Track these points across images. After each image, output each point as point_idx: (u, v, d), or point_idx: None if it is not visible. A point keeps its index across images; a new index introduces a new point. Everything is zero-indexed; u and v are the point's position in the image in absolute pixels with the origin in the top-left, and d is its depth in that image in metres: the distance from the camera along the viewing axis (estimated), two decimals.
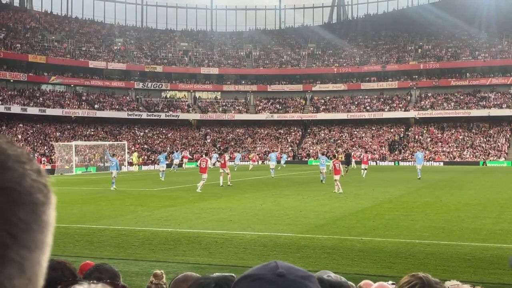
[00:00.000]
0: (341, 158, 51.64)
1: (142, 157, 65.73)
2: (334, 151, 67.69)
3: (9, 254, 0.73)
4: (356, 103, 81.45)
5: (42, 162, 54.61)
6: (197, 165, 42.51)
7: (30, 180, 0.76)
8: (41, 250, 0.77)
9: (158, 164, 43.95)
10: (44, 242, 0.78)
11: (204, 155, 42.36)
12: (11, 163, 0.75)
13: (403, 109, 78.20)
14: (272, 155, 47.11)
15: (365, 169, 42.61)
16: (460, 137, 72.48)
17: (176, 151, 60.92)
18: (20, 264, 0.74)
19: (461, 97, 76.73)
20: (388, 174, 45.32)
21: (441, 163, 65.59)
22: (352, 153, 63.04)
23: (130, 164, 59.60)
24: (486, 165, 63.50)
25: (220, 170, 33.97)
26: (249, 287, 1.05)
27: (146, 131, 76.74)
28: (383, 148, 72.83)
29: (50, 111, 68.33)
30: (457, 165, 63.81)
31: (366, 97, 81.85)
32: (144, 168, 60.79)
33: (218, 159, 52.11)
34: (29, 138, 63.42)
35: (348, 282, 2.75)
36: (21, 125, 65.74)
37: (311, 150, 74.38)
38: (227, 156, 37.32)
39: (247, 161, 63.45)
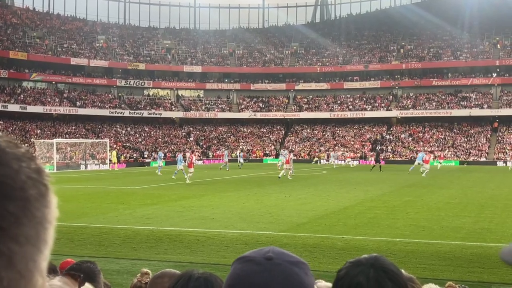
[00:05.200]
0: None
1: (124, 155, 65.21)
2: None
3: None
4: (338, 102, 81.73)
5: None
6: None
7: (24, 177, 0.77)
8: (34, 246, 0.77)
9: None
10: (38, 239, 0.78)
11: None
12: (7, 160, 0.78)
13: (385, 109, 78.60)
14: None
15: (440, 163, 53.27)
16: (441, 137, 73.04)
17: (227, 149, 66.52)
18: (8, 257, 0.74)
19: (443, 97, 77.33)
20: (370, 173, 45.48)
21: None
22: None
23: (111, 162, 59.04)
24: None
25: (284, 166, 38.79)
26: (240, 267, 1.23)
27: (128, 129, 76.27)
28: (365, 147, 73.21)
29: (31, 108, 67.66)
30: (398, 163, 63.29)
31: (349, 96, 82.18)
32: (131, 166, 60.14)
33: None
34: (9, 136, 62.62)
35: None
36: (1, 122, 65.01)
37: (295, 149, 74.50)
38: (291, 155, 42.30)
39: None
